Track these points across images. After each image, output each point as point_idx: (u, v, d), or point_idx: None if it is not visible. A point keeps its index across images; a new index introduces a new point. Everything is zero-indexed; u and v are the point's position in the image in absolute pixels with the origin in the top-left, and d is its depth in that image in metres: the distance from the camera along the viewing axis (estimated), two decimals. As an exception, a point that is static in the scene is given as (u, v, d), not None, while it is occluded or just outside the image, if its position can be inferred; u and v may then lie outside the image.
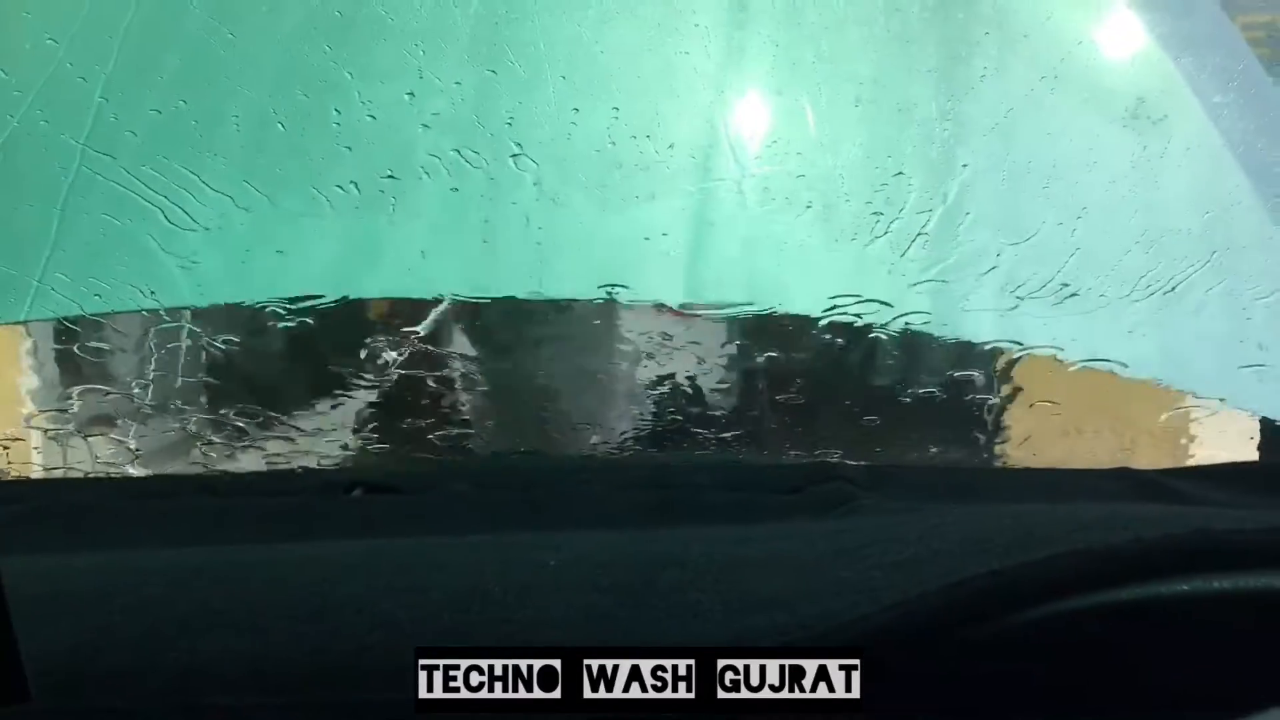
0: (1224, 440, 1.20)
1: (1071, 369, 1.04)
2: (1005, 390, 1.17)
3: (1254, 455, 1.16)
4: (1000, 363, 1.14)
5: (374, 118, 0.93)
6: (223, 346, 1.22)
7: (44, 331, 1.34)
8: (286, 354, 1.25)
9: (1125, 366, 1.03)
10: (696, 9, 1.13)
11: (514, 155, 0.92)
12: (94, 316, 1.19)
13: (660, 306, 1.30)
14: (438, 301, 1.66)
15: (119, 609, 0.66)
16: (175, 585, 0.70)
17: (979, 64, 1.18)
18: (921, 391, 1.15)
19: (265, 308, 1.14)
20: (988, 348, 1.03)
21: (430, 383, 1.69)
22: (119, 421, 1.41)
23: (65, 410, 1.29)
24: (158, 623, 0.64)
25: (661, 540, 0.77)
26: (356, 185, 0.92)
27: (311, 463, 1.23)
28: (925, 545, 0.67)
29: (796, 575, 0.69)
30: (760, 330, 1.20)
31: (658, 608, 0.65)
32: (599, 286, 0.99)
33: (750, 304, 1.07)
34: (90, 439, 1.30)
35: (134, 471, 1.40)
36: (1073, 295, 0.94)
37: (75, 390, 1.51)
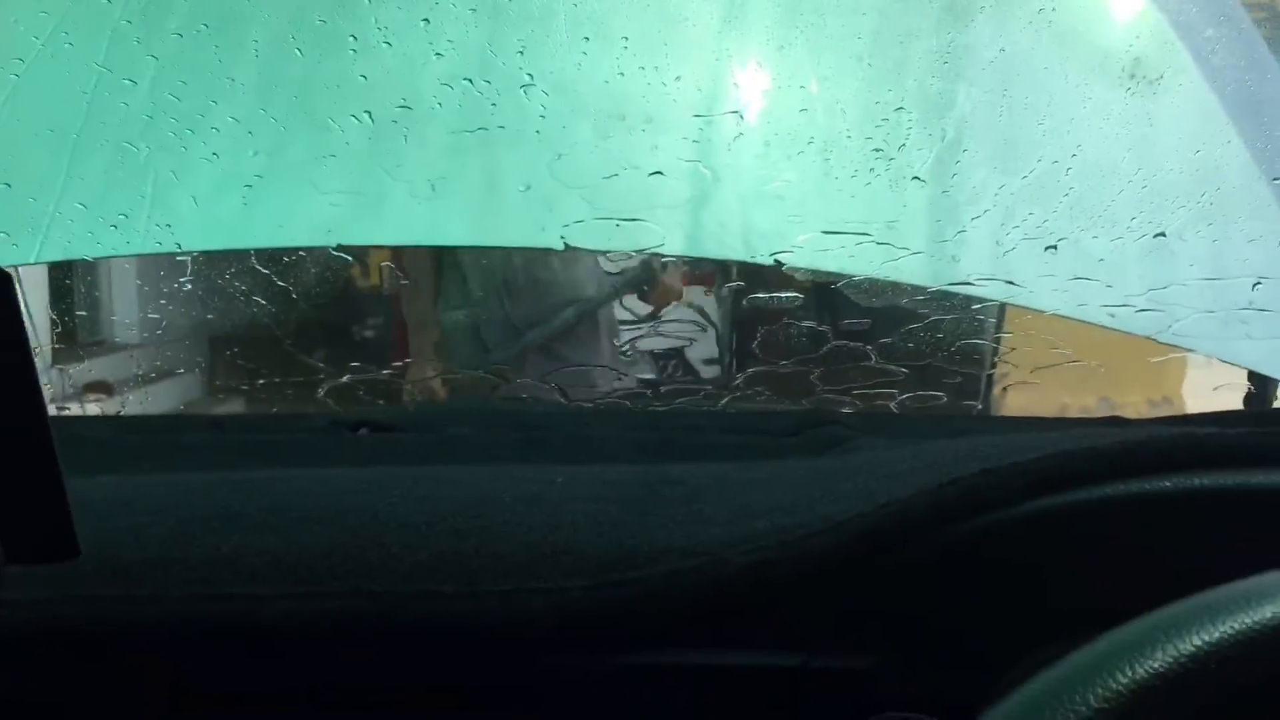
0: (1214, 392, 1.22)
1: (1064, 316, 1.06)
2: (998, 334, 1.18)
3: (1241, 405, 1.18)
4: (994, 307, 1.16)
5: (390, 44, 0.93)
6: (233, 286, 1.23)
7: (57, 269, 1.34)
8: (293, 295, 1.26)
9: (1113, 316, 1.04)
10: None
11: (524, 86, 0.93)
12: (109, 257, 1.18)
13: (659, 256, 1.31)
14: (443, 250, 1.66)
15: (143, 511, 0.68)
16: (194, 494, 0.73)
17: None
18: (914, 335, 1.17)
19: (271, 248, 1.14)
20: (983, 290, 1.04)
21: (433, 326, 1.71)
22: (127, 361, 1.42)
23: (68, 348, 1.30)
24: (181, 523, 0.66)
25: (664, 469, 0.80)
26: (370, 115, 0.93)
27: (316, 405, 1.24)
28: (920, 459, 0.70)
29: (795, 489, 0.71)
30: (755, 274, 1.21)
31: (664, 514, 0.68)
32: (600, 219, 1.00)
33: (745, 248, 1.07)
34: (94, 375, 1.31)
35: (137, 410, 1.41)
36: (1062, 239, 0.95)
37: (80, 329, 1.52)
